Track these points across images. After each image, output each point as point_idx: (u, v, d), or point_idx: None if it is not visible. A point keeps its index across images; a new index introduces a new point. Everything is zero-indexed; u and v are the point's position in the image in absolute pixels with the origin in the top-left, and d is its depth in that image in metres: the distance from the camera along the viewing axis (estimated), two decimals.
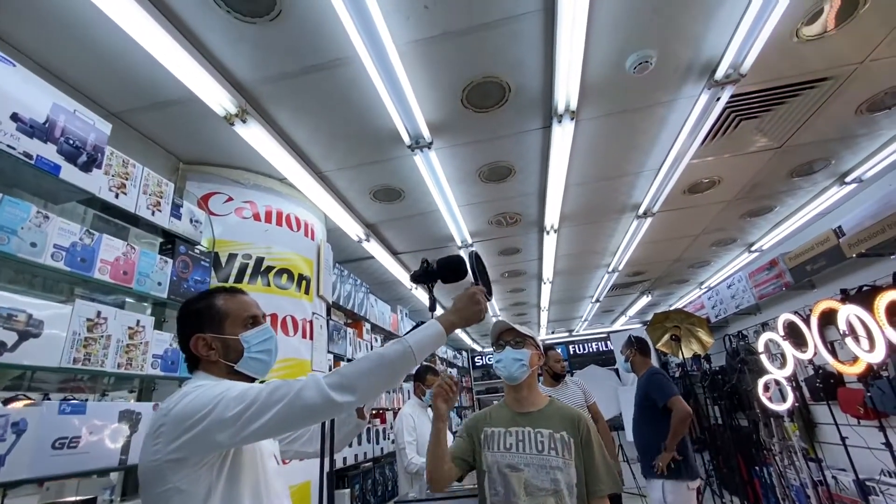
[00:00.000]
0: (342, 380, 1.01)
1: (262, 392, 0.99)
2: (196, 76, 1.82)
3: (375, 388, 1.05)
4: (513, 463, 1.49)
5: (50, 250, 1.41)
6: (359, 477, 3.14)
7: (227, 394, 0.99)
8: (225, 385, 1.04)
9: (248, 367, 1.20)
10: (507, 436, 1.56)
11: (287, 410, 0.97)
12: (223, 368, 1.17)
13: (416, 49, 1.90)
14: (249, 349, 1.18)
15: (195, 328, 1.17)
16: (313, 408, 0.98)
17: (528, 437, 1.53)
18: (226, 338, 1.16)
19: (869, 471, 3.56)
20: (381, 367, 1.06)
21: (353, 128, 2.35)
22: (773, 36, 1.95)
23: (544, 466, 1.48)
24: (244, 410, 0.96)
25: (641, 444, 3.13)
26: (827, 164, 3.24)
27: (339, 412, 1.02)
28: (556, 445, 1.50)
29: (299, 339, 2.46)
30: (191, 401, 0.99)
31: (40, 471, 1.29)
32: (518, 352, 1.61)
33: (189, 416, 0.97)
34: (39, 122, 1.44)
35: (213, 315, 1.18)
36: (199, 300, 1.23)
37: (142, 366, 1.64)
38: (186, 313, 1.20)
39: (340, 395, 0.99)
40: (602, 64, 2.08)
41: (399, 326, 5.04)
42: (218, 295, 1.23)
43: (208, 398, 0.99)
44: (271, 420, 0.96)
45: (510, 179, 3.05)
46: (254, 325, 1.22)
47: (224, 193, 2.45)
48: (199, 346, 1.15)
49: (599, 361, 8.64)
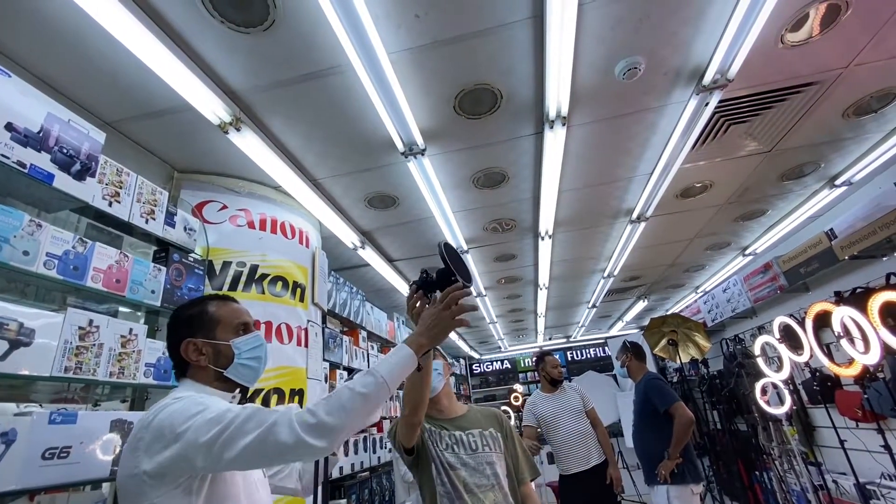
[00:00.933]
0: (316, 421, 0.95)
1: (237, 417, 0.95)
2: (190, 85, 1.84)
3: (351, 427, 0.99)
4: (453, 462, 1.56)
5: (42, 259, 1.41)
6: (355, 487, 3.11)
7: (204, 415, 0.97)
8: (204, 402, 1.01)
9: (237, 374, 1.19)
10: (447, 437, 1.62)
11: (259, 445, 0.93)
12: (212, 375, 1.17)
13: (407, 57, 1.92)
14: (240, 355, 1.18)
15: (186, 333, 1.16)
16: (284, 447, 0.93)
17: (461, 440, 1.61)
18: (217, 343, 1.17)
19: (869, 474, 3.56)
20: (355, 404, 0.99)
21: (346, 135, 2.37)
22: (759, 42, 1.99)
23: (481, 463, 1.56)
24: (217, 436, 0.93)
25: (643, 450, 3.11)
26: (816, 167, 3.28)
27: (311, 456, 0.98)
28: (489, 441, 1.61)
29: (294, 347, 2.45)
30: (169, 414, 0.98)
31: (30, 482, 1.27)
32: (438, 363, 1.67)
33: (167, 432, 0.96)
34: (33, 132, 1.45)
35: (205, 321, 1.18)
36: (190, 307, 1.23)
37: (134, 374, 1.64)
38: (178, 319, 1.20)
39: (314, 438, 0.94)
40: (591, 70, 2.11)
41: (396, 334, 5.03)
42: (210, 302, 1.23)
43: (185, 416, 0.97)
44: (244, 452, 0.93)
45: (504, 185, 3.07)
46: (245, 332, 1.22)
47: (218, 201, 2.46)
48: (189, 351, 1.15)
49: (597, 367, 8.63)
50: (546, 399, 3.34)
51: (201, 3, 1.59)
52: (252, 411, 0.97)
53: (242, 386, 1.22)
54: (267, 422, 0.94)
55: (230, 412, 0.97)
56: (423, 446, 1.60)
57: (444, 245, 1.37)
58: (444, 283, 1.33)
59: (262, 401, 2.18)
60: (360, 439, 3.37)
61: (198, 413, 0.97)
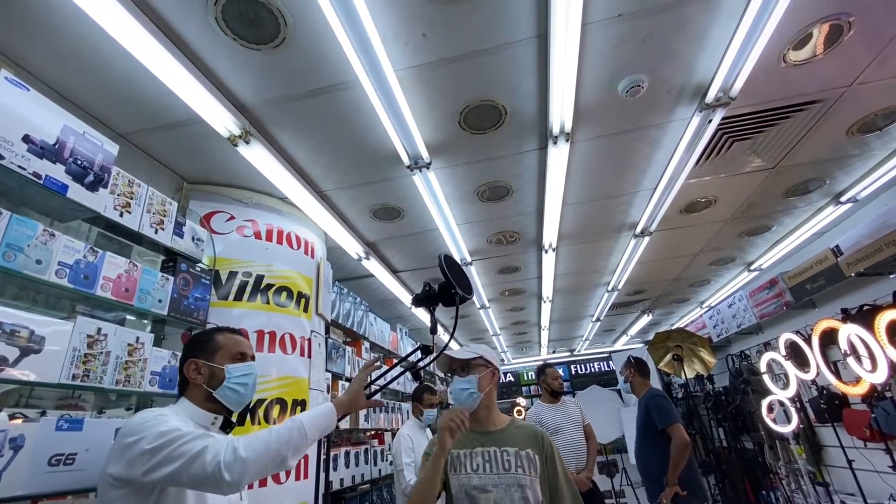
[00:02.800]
0: (233, 457, 1.04)
1: (182, 437, 1.06)
2: (202, 99, 1.89)
3: (263, 462, 1.08)
4: (480, 485, 1.47)
5: (54, 267, 1.44)
6: (356, 499, 3.09)
7: (158, 427, 1.07)
8: (165, 417, 1.12)
9: (224, 396, 1.31)
10: (474, 457, 1.53)
11: (185, 468, 1.03)
12: (203, 394, 1.30)
13: (414, 74, 1.97)
14: (229, 379, 1.31)
15: (192, 354, 1.32)
16: (202, 476, 1.03)
17: (494, 457, 1.51)
18: (213, 366, 1.31)
19: (877, 495, 3.49)
20: (270, 442, 1.10)
21: (353, 149, 2.41)
22: (761, 61, 2.01)
23: (512, 485, 1.46)
24: (159, 449, 1.04)
25: (645, 468, 3.07)
26: (821, 183, 3.28)
27: (219, 490, 1.05)
28: (523, 463, 1.49)
29: (297, 357, 2.47)
30: (135, 423, 1.10)
31: (36, 488, 1.29)
32: (464, 381, 1.58)
33: (126, 438, 1.08)
34: (49, 144, 1.49)
35: (211, 346, 1.34)
36: (204, 333, 1.40)
37: (140, 383, 1.66)
38: (191, 343, 1.37)
39: (230, 473, 1.02)
40: (595, 88, 2.14)
41: (399, 345, 5.02)
42: (221, 332, 1.39)
43: (142, 427, 1.08)
44: (173, 473, 1.02)
45: (508, 199, 3.09)
46: (241, 360, 1.36)
47: (226, 212, 2.50)
48: (189, 370, 1.30)
49: (601, 382, 8.54)
50: (549, 409, 3.37)
51: (214, 20, 1.64)
52: (196, 435, 1.07)
53: (228, 410, 1.34)
54: (196, 448, 1.04)
55: (178, 430, 1.07)
56: (446, 482, 1.53)
57: (445, 257, 1.38)
58: (446, 296, 1.35)
59: (265, 410, 2.19)
60: (361, 451, 3.36)
61: (154, 426, 1.08)
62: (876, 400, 3.31)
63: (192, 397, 1.29)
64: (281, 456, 1.10)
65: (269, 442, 1.09)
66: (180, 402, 1.30)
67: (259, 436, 1.10)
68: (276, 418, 2.23)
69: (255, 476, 1.07)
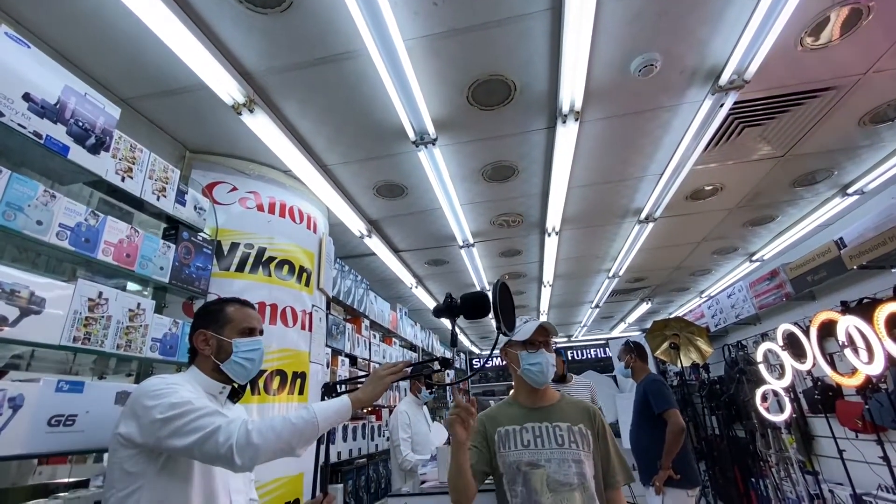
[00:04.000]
0: (246, 441, 1.05)
1: (194, 411, 1.09)
2: (206, 64, 1.85)
3: (273, 450, 1.10)
4: (533, 460, 1.44)
5: (55, 229, 1.43)
6: (352, 473, 3.14)
7: (170, 398, 1.11)
8: (176, 386, 1.16)
9: (231, 370, 1.33)
10: (524, 433, 1.50)
11: (198, 445, 1.06)
12: (211, 365, 1.33)
13: (423, 45, 1.92)
14: (237, 353, 1.33)
15: (202, 325, 1.35)
16: (215, 456, 1.06)
17: (547, 432, 1.48)
18: (221, 339, 1.33)
19: (866, 485, 3.54)
20: (284, 430, 1.10)
21: (358, 121, 2.37)
22: (777, 44, 1.97)
23: (566, 460, 1.43)
24: (170, 420, 1.07)
25: (639, 449, 3.12)
26: (829, 174, 3.25)
27: (232, 468, 1.07)
28: (576, 438, 1.46)
29: (298, 330, 2.47)
30: (144, 390, 1.14)
31: (35, 447, 1.30)
32: (552, 356, 1.56)
33: (137, 405, 1.12)
34: (50, 104, 1.46)
35: (220, 318, 1.36)
36: (215, 304, 1.41)
37: (140, 348, 1.66)
38: (201, 312, 1.39)
39: (241, 457, 1.05)
40: (607, 65, 2.09)
41: (398, 325, 5.04)
42: (231, 303, 1.41)
43: (155, 394, 1.12)
44: (186, 447, 1.06)
45: (513, 179, 3.06)
46: (249, 335, 1.37)
47: (228, 183, 2.47)
48: (199, 340, 1.33)
49: (598, 368, 8.61)
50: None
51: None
52: (208, 411, 1.10)
53: (236, 384, 1.37)
54: (212, 426, 1.07)
55: (190, 405, 1.10)
56: (494, 462, 1.51)
57: (502, 285, 1.34)
58: (469, 310, 1.32)
59: (264, 381, 2.20)
60: (359, 426, 3.40)
61: (166, 395, 1.11)
62: (870, 392, 3.33)
63: (201, 366, 1.33)
64: (291, 447, 1.11)
65: (282, 432, 1.09)
66: (191, 370, 1.33)
67: (274, 424, 1.10)
68: (275, 389, 2.24)
69: (264, 461, 1.09)
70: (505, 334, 1.36)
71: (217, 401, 1.34)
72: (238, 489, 1.29)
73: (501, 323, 1.30)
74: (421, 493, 2.00)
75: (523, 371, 1.54)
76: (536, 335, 1.55)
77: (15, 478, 1.64)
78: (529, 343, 1.55)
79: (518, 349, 1.56)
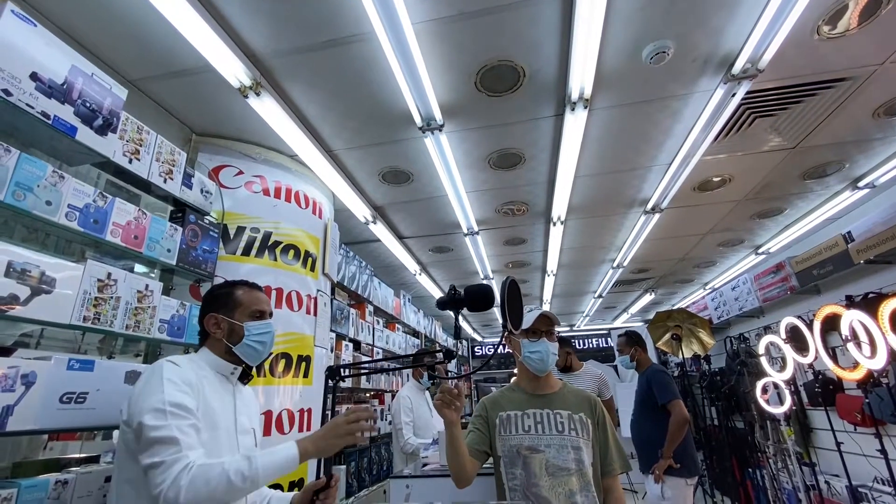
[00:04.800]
0: (176, 498, 1.00)
1: (162, 429, 1.06)
2: (213, 45, 1.83)
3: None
4: (533, 445, 1.48)
5: (64, 210, 1.43)
6: (355, 454, 3.19)
7: (154, 401, 1.10)
8: (170, 386, 1.14)
9: (243, 352, 1.36)
10: (525, 418, 1.55)
11: (145, 468, 1.04)
12: (223, 347, 1.35)
13: (432, 28, 1.89)
14: (248, 336, 1.36)
15: (212, 308, 1.37)
16: (148, 485, 1.03)
17: (547, 419, 1.53)
18: (233, 322, 1.36)
19: (862, 477, 3.57)
20: (220, 484, 1.04)
21: (365, 106, 2.36)
22: (794, 31, 1.93)
23: (565, 446, 1.48)
24: (148, 429, 1.06)
25: (640, 438, 3.15)
26: (840, 167, 3.21)
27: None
28: (576, 426, 1.52)
29: (303, 315, 2.49)
30: (144, 382, 1.16)
31: (47, 423, 1.32)
32: (553, 345, 1.60)
33: (135, 392, 1.15)
34: (58, 84, 1.45)
35: (230, 301, 1.38)
36: (224, 287, 1.43)
37: (149, 329, 1.68)
38: (210, 295, 1.41)
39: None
40: (619, 52, 2.06)
41: (402, 311, 5.07)
42: (240, 286, 1.42)
43: (147, 389, 1.13)
44: (141, 461, 1.05)
45: (520, 167, 3.04)
46: (259, 318, 1.39)
47: (235, 167, 2.47)
48: (209, 324, 1.36)
49: (599, 357, 8.66)
50: None
51: None
52: (171, 437, 1.06)
53: (246, 364, 1.39)
54: (164, 457, 1.04)
55: (164, 421, 1.08)
56: (491, 445, 1.56)
57: (511, 282, 1.37)
58: (473, 302, 1.34)
59: (270, 364, 2.23)
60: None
61: (154, 393, 1.12)
62: (871, 386, 3.35)
63: (212, 348, 1.36)
64: (223, 502, 1.06)
65: (216, 490, 1.03)
66: (202, 352, 1.36)
67: (210, 479, 1.04)
68: (280, 372, 2.27)
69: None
70: (511, 332, 1.38)
71: (229, 381, 1.36)
72: None
73: (508, 321, 1.32)
74: (422, 476, 2.03)
75: (524, 358, 1.59)
76: (538, 324, 1.60)
77: (26, 451, 1.68)
78: (531, 331, 1.59)
79: (520, 337, 1.61)
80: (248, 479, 1.07)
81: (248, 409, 1.41)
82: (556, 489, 1.42)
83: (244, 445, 1.31)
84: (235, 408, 1.34)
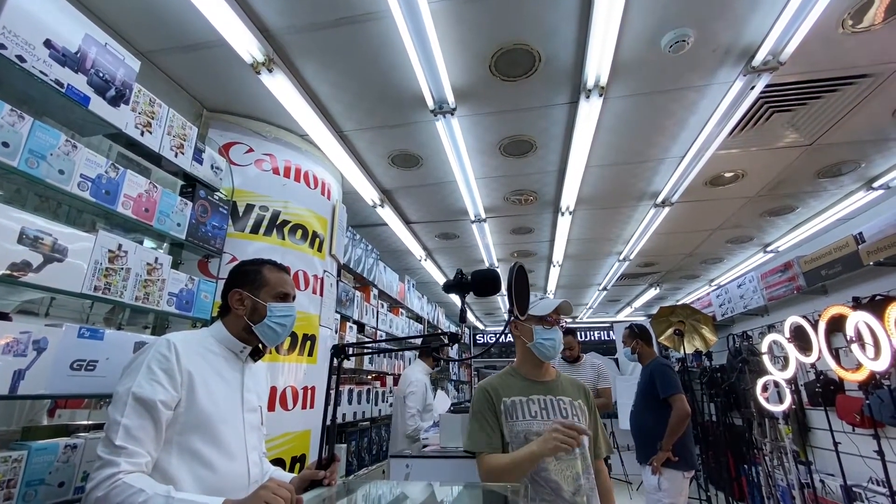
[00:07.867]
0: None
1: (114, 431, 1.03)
2: (226, 19, 1.81)
3: None
4: (541, 430, 1.49)
5: (77, 179, 1.44)
6: (356, 434, 3.24)
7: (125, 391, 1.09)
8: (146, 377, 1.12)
9: (263, 333, 1.34)
10: (531, 404, 1.57)
11: (93, 465, 1.03)
12: (242, 325, 1.34)
13: (448, 8, 1.86)
14: (270, 317, 1.34)
15: (237, 284, 1.36)
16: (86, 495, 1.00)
17: (552, 404, 1.58)
18: (256, 301, 1.34)
19: (857, 478, 3.59)
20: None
21: (377, 87, 2.33)
22: (818, 24, 1.88)
23: None
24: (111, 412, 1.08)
25: (640, 430, 3.17)
26: (856, 166, 3.16)
27: None
28: (577, 412, 1.58)
29: (309, 295, 2.50)
30: (128, 366, 1.17)
31: (58, 388, 1.35)
32: (561, 334, 1.66)
33: (126, 368, 1.16)
34: (71, 52, 1.45)
35: (256, 280, 1.36)
36: (251, 263, 1.41)
37: (158, 301, 1.69)
38: (237, 270, 1.40)
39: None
40: (637, 39, 2.02)
41: (406, 296, 5.09)
42: (267, 265, 1.41)
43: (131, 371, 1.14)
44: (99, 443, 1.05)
45: (530, 155, 3.01)
46: (283, 300, 1.38)
47: (245, 144, 2.46)
48: (233, 299, 1.35)
49: (601, 350, 8.68)
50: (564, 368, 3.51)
51: None
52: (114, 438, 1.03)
53: (261, 344, 1.37)
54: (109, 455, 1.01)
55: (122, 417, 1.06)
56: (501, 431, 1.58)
57: (519, 267, 1.37)
58: (479, 287, 1.34)
59: None
60: (364, 391, 3.48)
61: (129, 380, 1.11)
62: (873, 388, 3.34)
63: (229, 324, 1.34)
64: None
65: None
66: (215, 326, 1.35)
67: (124, 501, 0.96)
68: (286, 350, 2.29)
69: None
70: (517, 318, 1.38)
71: (238, 358, 1.36)
72: (254, 446, 1.31)
73: (514, 307, 1.32)
74: (423, 456, 2.06)
75: (536, 344, 1.60)
76: (555, 312, 1.63)
77: (30, 414, 1.71)
78: (545, 319, 1.61)
79: (533, 323, 1.62)
80: None
81: (258, 387, 1.41)
82: (563, 472, 1.47)
83: (249, 423, 1.31)
84: (243, 385, 1.33)
